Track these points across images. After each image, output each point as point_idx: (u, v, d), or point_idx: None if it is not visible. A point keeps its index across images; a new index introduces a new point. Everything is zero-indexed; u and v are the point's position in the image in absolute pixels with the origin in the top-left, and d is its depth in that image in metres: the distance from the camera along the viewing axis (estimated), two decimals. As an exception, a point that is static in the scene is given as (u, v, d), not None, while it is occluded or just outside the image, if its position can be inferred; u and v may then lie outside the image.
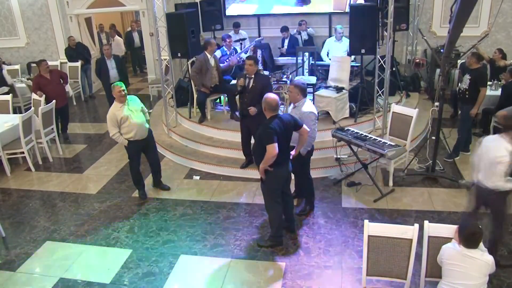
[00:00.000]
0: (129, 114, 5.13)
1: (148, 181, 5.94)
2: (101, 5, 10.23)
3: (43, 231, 5.05)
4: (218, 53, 7.32)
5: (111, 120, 5.14)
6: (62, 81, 7.58)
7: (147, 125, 5.40)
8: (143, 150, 5.50)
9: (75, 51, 9.96)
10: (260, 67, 7.60)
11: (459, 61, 7.70)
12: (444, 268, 3.09)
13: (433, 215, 4.87)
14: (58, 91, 7.42)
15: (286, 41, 8.59)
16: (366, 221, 3.25)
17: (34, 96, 7.43)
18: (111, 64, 7.94)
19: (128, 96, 5.21)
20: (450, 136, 6.38)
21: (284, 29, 8.50)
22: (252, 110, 5.39)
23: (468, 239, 3.00)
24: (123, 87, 5.10)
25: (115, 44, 11.48)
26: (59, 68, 10.00)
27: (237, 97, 6.16)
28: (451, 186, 5.47)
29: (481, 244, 3.06)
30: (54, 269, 4.37)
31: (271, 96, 4.14)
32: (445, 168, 5.90)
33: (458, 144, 6.14)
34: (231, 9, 9.45)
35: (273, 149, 3.95)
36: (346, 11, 8.33)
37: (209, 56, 6.69)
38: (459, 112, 7.15)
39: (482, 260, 2.99)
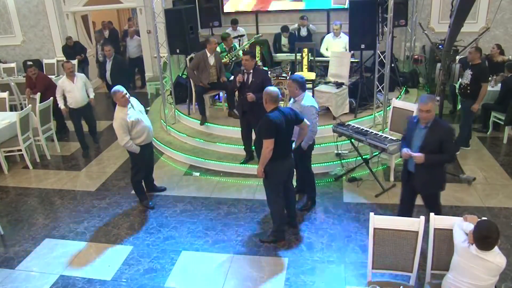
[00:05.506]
0: (139, 116, 4.83)
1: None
2: (97, 2, 10.15)
3: (42, 228, 4.99)
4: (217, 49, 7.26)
5: (122, 126, 4.68)
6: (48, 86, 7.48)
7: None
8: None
9: (73, 49, 9.87)
10: (260, 63, 7.56)
11: (457, 57, 7.69)
12: (454, 258, 2.96)
13: (435, 209, 4.86)
14: (47, 95, 7.20)
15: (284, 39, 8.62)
16: (371, 214, 3.22)
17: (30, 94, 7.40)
18: (108, 66, 7.42)
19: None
20: (450, 132, 6.35)
21: (285, 29, 8.51)
22: (251, 96, 5.32)
23: (481, 242, 2.78)
24: (124, 92, 4.71)
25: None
26: (55, 66, 9.93)
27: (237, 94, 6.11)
28: (452, 181, 5.45)
29: (496, 247, 2.80)
30: (54, 267, 4.32)
31: (271, 88, 4.18)
32: (445, 163, 5.89)
33: (459, 140, 6.13)
34: (229, 6, 9.41)
35: (269, 144, 3.96)
36: (346, 6, 8.32)
37: (208, 54, 6.63)
38: (458, 107, 7.16)
39: (493, 263, 2.77)
